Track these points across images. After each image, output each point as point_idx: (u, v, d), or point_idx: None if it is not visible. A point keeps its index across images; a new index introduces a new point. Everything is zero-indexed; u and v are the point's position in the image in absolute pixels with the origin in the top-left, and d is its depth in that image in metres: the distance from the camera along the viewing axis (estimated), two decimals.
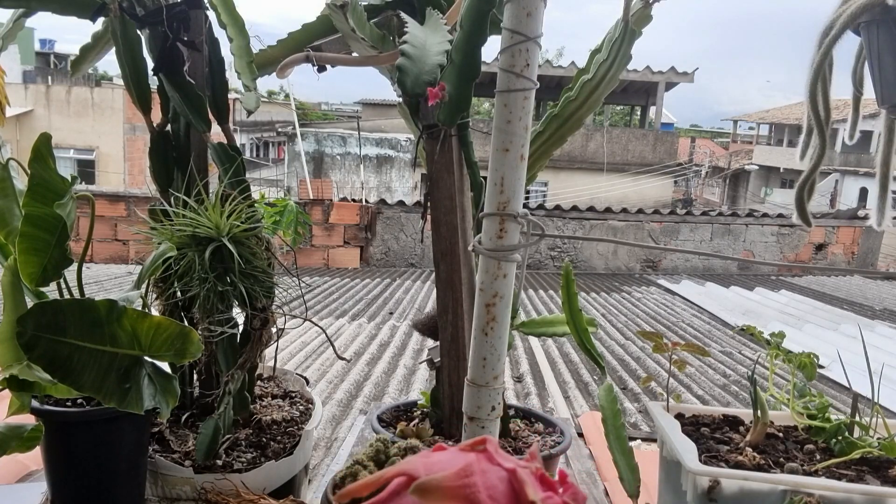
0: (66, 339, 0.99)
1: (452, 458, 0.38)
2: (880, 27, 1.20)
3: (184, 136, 1.33)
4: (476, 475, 0.35)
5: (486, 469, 0.36)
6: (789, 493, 0.99)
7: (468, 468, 0.35)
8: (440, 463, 0.37)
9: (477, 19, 1.11)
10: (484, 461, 0.37)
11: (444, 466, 0.36)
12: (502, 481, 0.36)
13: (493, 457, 0.37)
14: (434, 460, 0.37)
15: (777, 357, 1.29)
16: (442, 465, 0.37)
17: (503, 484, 0.35)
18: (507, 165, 1.05)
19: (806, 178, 1.31)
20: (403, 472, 0.37)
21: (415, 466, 0.37)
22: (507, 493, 0.35)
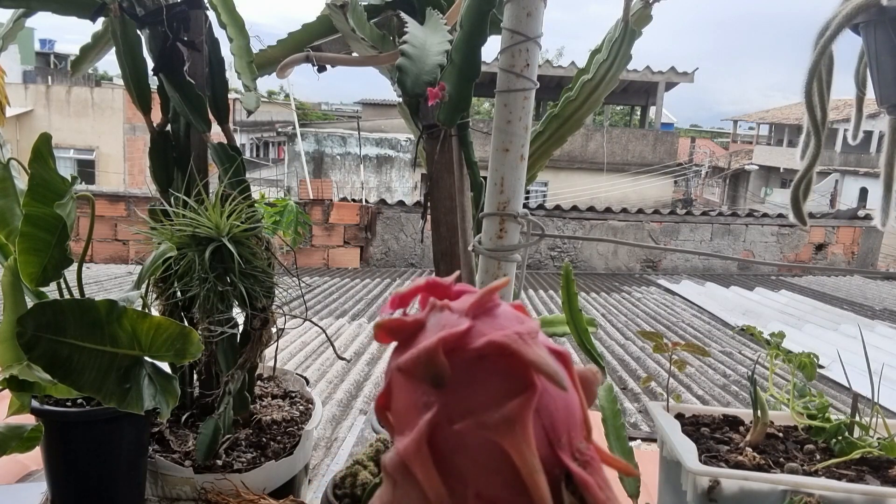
0: (66, 339, 0.99)
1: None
2: (877, 28, 1.21)
3: (184, 136, 1.33)
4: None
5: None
6: (789, 493, 1.00)
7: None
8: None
9: (477, 19, 1.11)
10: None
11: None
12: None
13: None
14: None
15: (777, 357, 1.29)
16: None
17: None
18: (507, 165, 1.05)
19: (801, 177, 1.31)
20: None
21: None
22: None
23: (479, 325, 0.34)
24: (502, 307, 0.36)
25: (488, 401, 0.32)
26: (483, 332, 0.33)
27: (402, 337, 0.35)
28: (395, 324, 0.35)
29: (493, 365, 0.32)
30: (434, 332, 0.34)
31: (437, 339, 0.32)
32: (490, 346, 0.32)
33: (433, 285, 0.38)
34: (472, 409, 0.32)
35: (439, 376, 0.32)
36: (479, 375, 0.32)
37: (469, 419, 0.31)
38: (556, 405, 0.33)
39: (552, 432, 0.33)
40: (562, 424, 0.33)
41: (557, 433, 0.33)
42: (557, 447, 0.33)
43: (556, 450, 0.33)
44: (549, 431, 0.33)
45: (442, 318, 0.35)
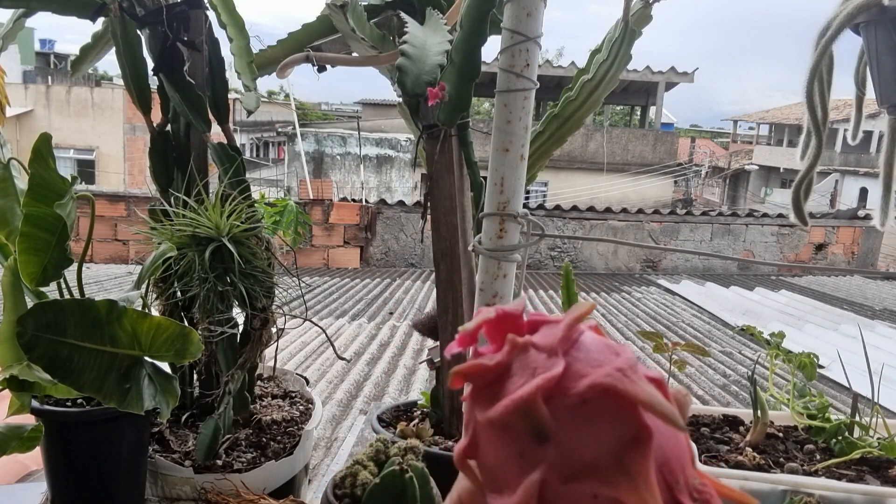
0: (66, 339, 0.99)
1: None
2: (878, 27, 1.21)
3: (184, 136, 1.33)
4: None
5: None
6: (789, 493, 1.00)
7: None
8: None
9: (477, 19, 1.11)
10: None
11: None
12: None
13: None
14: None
15: (777, 357, 1.29)
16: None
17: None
18: (507, 165, 1.05)
19: (802, 177, 1.31)
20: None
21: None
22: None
23: (574, 363, 0.30)
24: (585, 336, 0.32)
25: (600, 452, 0.28)
26: (580, 371, 0.30)
27: (481, 381, 0.32)
28: (476, 369, 0.31)
29: (598, 409, 0.29)
30: (522, 375, 0.30)
31: (535, 388, 0.29)
32: (594, 388, 0.29)
33: (504, 318, 0.34)
34: (585, 464, 0.28)
35: (542, 430, 0.29)
36: (585, 423, 0.29)
37: (583, 476, 0.28)
38: (668, 444, 0.30)
39: (669, 475, 0.30)
40: (676, 463, 0.31)
41: (674, 474, 0.30)
42: (677, 491, 0.30)
43: (676, 494, 0.30)
44: (666, 475, 0.30)
45: (528, 359, 0.31)
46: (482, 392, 0.31)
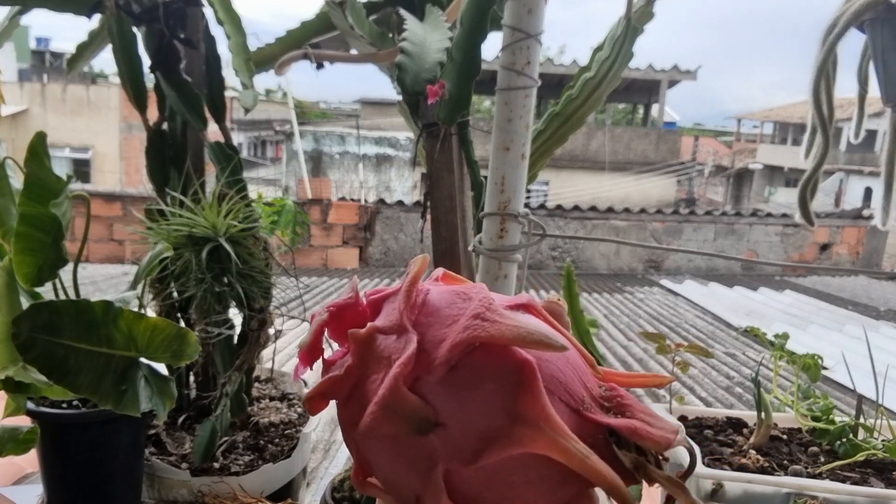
0: (61, 340, 0.98)
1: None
2: (884, 25, 1.19)
3: (180, 134, 1.32)
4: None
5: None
6: (793, 495, 0.99)
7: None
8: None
9: (477, 16, 1.10)
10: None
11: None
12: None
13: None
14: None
15: (781, 358, 1.28)
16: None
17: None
18: (507, 164, 1.04)
19: (809, 176, 1.29)
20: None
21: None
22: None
23: (427, 331, 0.27)
24: (431, 294, 0.29)
25: (491, 414, 0.25)
26: (437, 337, 0.27)
27: (340, 395, 0.28)
28: (327, 386, 0.28)
29: (471, 369, 0.26)
30: (378, 369, 0.27)
31: (393, 381, 0.25)
32: (456, 349, 0.26)
33: (340, 313, 0.30)
34: (481, 435, 0.25)
35: (421, 420, 0.25)
36: (463, 391, 0.26)
37: (486, 448, 0.25)
38: (558, 366, 0.27)
39: (572, 399, 0.27)
40: (575, 383, 0.28)
41: (577, 395, 0.28)
42: (585, 410, 0.28)
43: (585, 414, 0.27)
44: (568, 401, 0.27)
45: (379, 348, 0.27)
46: (347, 406, 0.28)
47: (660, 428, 0.28)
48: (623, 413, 0.28)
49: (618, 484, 0.26)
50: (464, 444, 0.26)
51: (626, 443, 0.28)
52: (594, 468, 0.26)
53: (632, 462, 0.28)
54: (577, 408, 0.28)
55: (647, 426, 0.28)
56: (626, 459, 0.28)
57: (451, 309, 0.28)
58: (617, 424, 0.28)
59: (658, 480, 0.28)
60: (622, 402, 0.29)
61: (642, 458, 0.28)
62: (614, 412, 0.28)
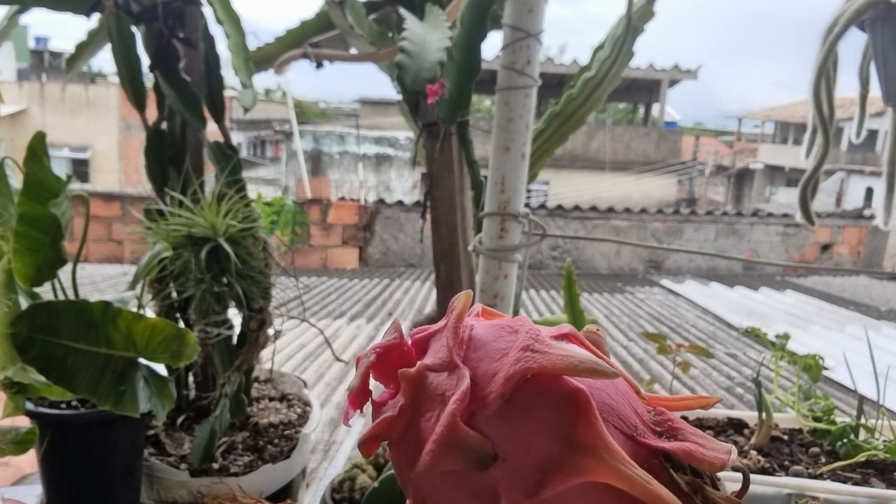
0: (60, 340, 0.98)
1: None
2: (885, 24, 1.19)
3: (179, 134, 1.31)
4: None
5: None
6: (794, 496, 0.98)
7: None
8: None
9: (477, 15, 1.09)
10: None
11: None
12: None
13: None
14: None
15: (782, 359, 1.27)
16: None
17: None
18: (508, 164, 1.04)
19: (809, 176, 1.29)
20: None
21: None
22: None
23: (478, 366, 0.27)
24: (476, 329, 0.29)
25: (549, 444, 0.26)
26: (488, 371, 0.27)
27: (394, 435, 0.28)
28: (381, 428, 0.28)
29: (525, 401, 0.26)
30: (433, 408, 0.27)
31: (451, 417, 0.26)
32: (510, 382, 0.26)
33: (386, 354, 0.30)
34: (540, 465, 0.26)
35: (481, 454, 0.26)
36: (519, 422, 0.26)
37: (546, 478, 0.25)
38: (609, 393, 0.28)
39: (625, 425, 0.28)
40: (626, 409, 0.28)
41: (629, 421, 0.28)
42: (639, 436, 0.28)
43: (640, 439, 0.28)
44: (622, 427, 0.27)
45: (431, 387, 0.28)
46: (402, 446, 0.28)
47: (713, 449, 0.28)
48: (675, 437, 0.29)
49: None
50: (525, 476, 0.26)
51: (681, 466, 0.28)
52: (655, 493, 0.26)
53: (689, 485, 0.28)
54: (631, 434, 0.28)
55: (701, 448, 0.28)
56: (683, 482, 0.28)
57: (499, 342, 0.28)
58: (672, 448, 0.28)
59: (716, 500, 0.28)
60: (673, 425, 0.29)
61: (699, 479, 0.28)
62: (667, 436, 0.29)
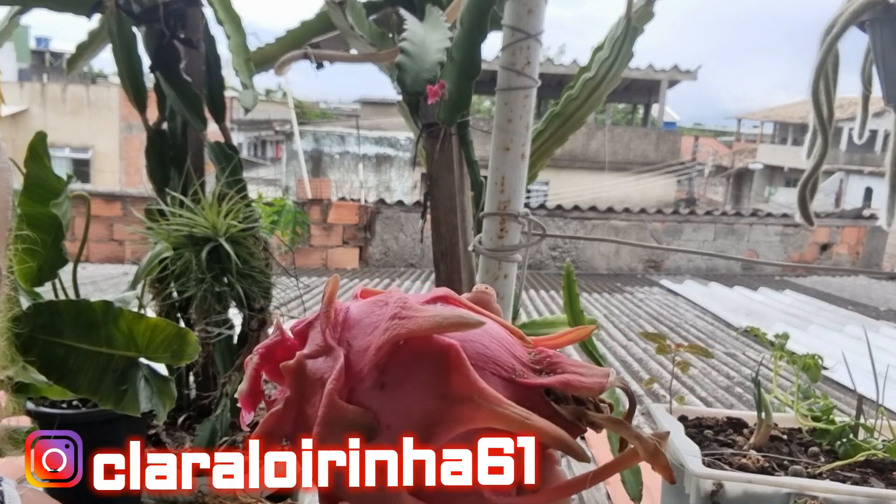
0: (62, 340, 0.98)
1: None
2: (884, 25, 1.20)
3: (180, 134, 1.32)
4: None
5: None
6: (793, 496, 0.98)
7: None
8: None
9: (477, 16, 1.10)
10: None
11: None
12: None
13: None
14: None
15: (781, 358, 1.27)
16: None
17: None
18: (507, 164, 1.04)
19: (808, 176, 1.29)
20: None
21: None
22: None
23: (352, 343, 0.28)
24: (351, 310, 0.30)
25: (428, 403, 0.27)
26: (362, 346, 0.28)
27: (287, 431, 0.29)
28: (272, 423, 0.28)
29: (399, 367, 0.27)
30: (315, 394, 0.27)
31: (328, 399, 0.26)
32: (380, 352, 0.27)
33: (267, 354, 0.31)
34: (422, 424, 0.27)
35: (363, 426, 0.26)
36: (397, 388, 0.27)
37: (429, 436, 0.26)
38: (483, 344, 0.29)
39: (503, 370, 0.29)
40: (503, 355, 0.29)
41: (507, 365, 0.29)
42: (518, 378, 0.29)
43: (518, 380, 0.29)
44: (499, 373, 0.28)
45: (312, 374, 0.28)
46: (296, 438, 0.29)
47: (591, 376, 0.29)
48: (555, 371, 0.29)
49: (561, 436, 0.27)
50: (406, 435, 0.27)
51: (564, 397, 0.29)
52: (536, 426, 0.27)
53: (571, 413, 0.29)
54: (509, 377, 0.29)
55: (580, 377, 0.29)
56: (566, 412, 0.29)
57: (371, 317, 0.29)
58: (549, 382, 0.29)
59: (600, 423, 0.29)
60: (552, 360, 0.30)
61: (581, 407, 0.29)
62: (546, 373, 0.29)
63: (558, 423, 0.28)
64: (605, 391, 0.29)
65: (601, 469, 0.29)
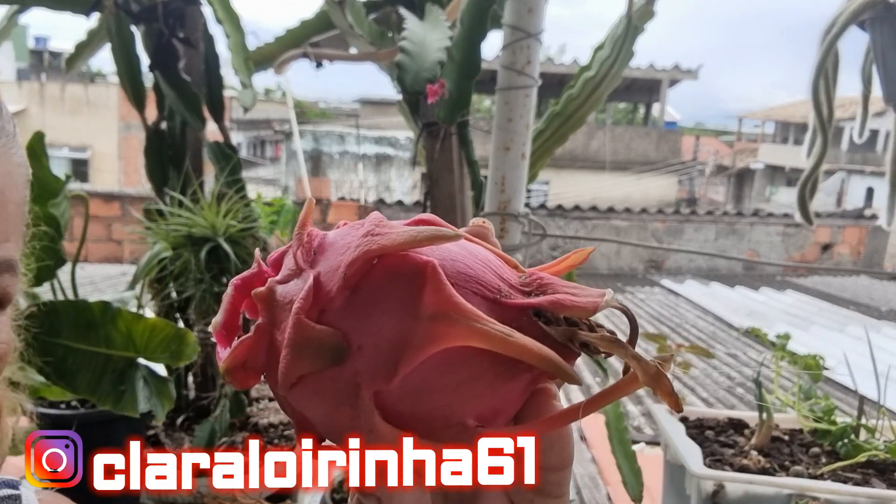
0: (60, 340, 0.98)
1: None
2: (884, 24, 1.19)
3: (179, 134, 1.31)
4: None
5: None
6: (794, 496, 0.98)
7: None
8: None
9: (477, 15, 1.09)
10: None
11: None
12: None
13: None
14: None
15: (782, 359, 1.27)
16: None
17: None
18: (507, 164, 1.04)
19: (808, 176, 1.29)
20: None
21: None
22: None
23: (324, 265, 0.26)
24: (328, 236, 0.28)
25: (402, 323, 0.25)
26: (334, 266, 0.26)
27: (260, 359, 0.27)
28: (242, 352, 0.27)
29: (372, 287, 0.26)
30: (284, 317, 0.26)
31: (295, 319, 0.25)
32: (350, 269, 0.25)
33: (242, 286, 0.30)
34: (396, 345, 0.25)
35: (333, 347, 0.25)
36: (369, 308, 0.25)
37: (404, 357, 0.25)
38: (465, 263, 0.27)
39: (486, 290, 0.27)
40: (488, 275, 0.27)
41: (491, 286, 0.27)
42: (504, 297, 0.27)
43: (504, 300, 0.27)
44: (482, 293, 0.26)
45: (281, 300, 0.27)
46: (270, 368, 0.27)
47: (585, 295, 0.27)
48: (545, 292, 0.27)
49: (547, 354, 0.25)
50: (381, 360, 0.25)
51: (555, 319, 0.27)
52: (519, 345, 0.25)
53: (562, 334, 0.27)
54: (493, 297, 0.27)
55: (571, 296, 0.27)
56: (557, 333, 0.27)
57: (346, 239, 0.27)
58: (538, 301, 0.27)
59: (594, 343, 0.27)
60: (543, 282, 0.28)
61: (573, 327, 0.27)
62: (535, 294, 0.27)
63: (548, 345, 0.26)
64: (601, 311, 0.27)
65: (597, 396, 0.27)
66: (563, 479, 0.28)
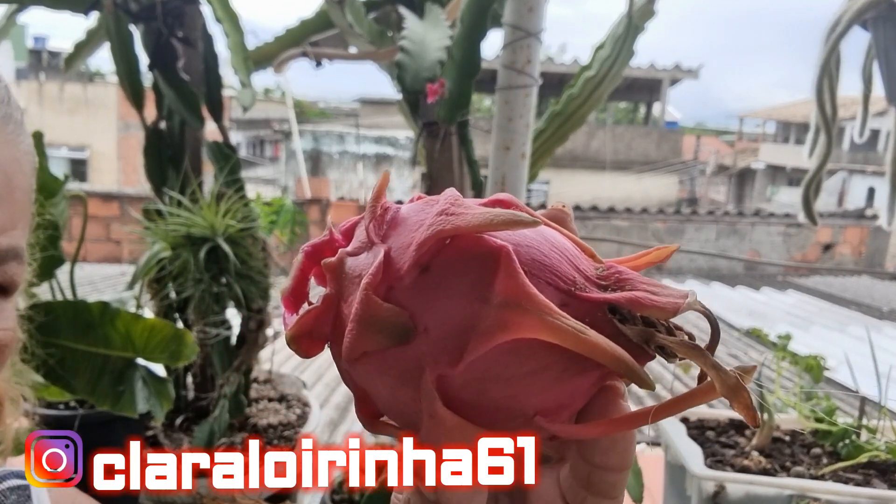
0: (58, 340, 0.98)
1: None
2: (887, 23, 1.19)
3: (178, 133, 1.31)
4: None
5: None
6: (795, 497, 0.98)
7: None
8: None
9: (477, 14, 1.09)
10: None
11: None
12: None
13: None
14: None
15: (784, 359, 1.27)
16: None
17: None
18: (508, 164, 1.03)
19: (812, 176, 1.29)
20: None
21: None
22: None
23: (396, 241, 0.26)
24: (402, 210, 0.28)
25: (471, 308, 0.24)
26: (405, 244, 0.25)
27: (325, 328, 0.27)
28: (306, 323, 0.26)
29: (443, 267, 0.25)
30: (352, 290, 0.26)
31: (363, 295, 0.24)
32: (422, 248, 0.24)
33: (313, 252, 0.29)
34: (463, 330, 0.24)
35: (399, 326, 0.24)
36: (438, 289, 0.25)
37: (472, 343, 0.24)
38: (541, 251, 0.26)
39: (561, 281, 0.25)
40: (564, 266, 0.26)
41: (566, 277, 0.26)
42: (579, 290, 0.25)
43: (578, 293, 0.25)
44: (556, 283, 0.25)
45: (352, 272, 0.26)
46: (335, 339, 0.26)
47: (666, 295, 0.26)
48: (623, 288, 0.26)
49: (620, 355, 0.24)
50: (447, 344, 0.24)
51: (631, 317, 0.26)
52: (591, 343, 0.24)
53: (638, 335, 0.25)
54: (567, 289, 0.25)
55: (651, 295, 0.25)
56: (632, 333, 0.25)
57: (420, 215, 0.26)
58: (615, 298, 0.25)
59: (671, 347, 0.26)
60: (621, 277, 0.26)
61: (651, 329, 0.26)
62: (612, 289, 0.26)
63: (622, 345, 0.24)
64: (682, 313, 0.26)
65: (670, 402, 0.26)
66: (621, 481, 0.28)
